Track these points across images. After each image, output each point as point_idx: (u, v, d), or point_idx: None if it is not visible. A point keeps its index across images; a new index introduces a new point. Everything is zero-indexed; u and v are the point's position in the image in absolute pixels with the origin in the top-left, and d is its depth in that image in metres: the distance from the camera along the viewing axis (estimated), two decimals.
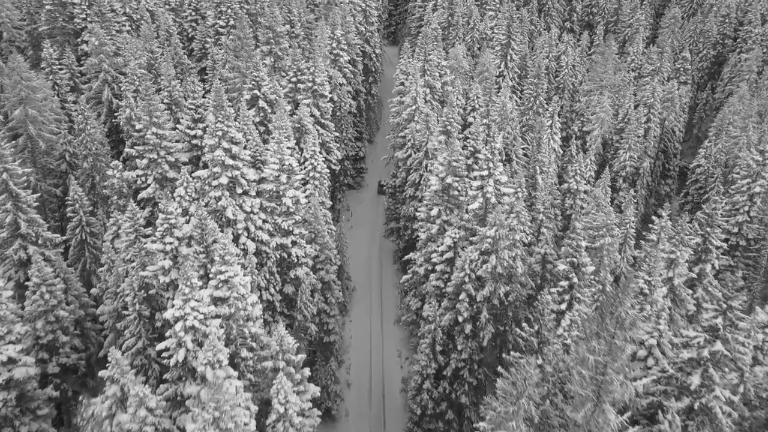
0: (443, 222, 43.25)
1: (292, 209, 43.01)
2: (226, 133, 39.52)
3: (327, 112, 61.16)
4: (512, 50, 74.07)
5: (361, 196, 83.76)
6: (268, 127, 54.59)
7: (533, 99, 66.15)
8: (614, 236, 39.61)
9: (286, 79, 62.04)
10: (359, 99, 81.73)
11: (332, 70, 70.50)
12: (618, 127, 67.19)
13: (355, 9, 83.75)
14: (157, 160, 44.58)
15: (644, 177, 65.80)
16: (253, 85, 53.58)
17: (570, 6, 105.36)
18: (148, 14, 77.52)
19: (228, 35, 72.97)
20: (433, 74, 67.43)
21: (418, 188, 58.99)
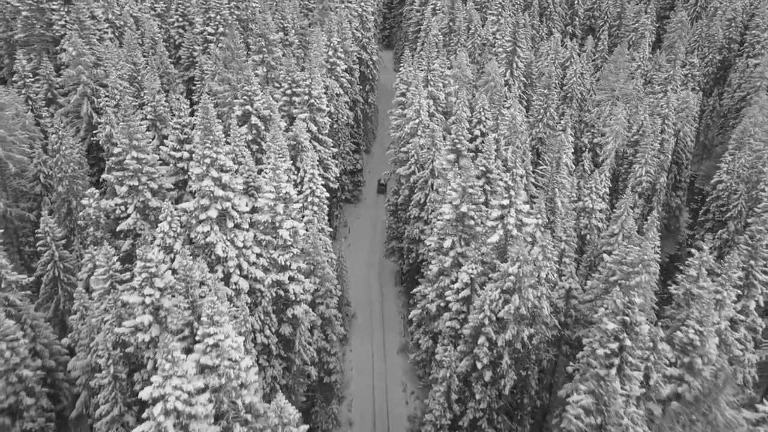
0: (457, 254, 38.49)
1: (289, 242, 38.08)
2: (215, 160, 34.53)
3: (324, 127, 56.24)
4: (518, 57, 69.42)
5: (358, 210, 78.90)
6: (261, 145, 49.66)
7: (543, 111, 61.52)
8: (652, 273, 35.02)
9: (280, 91, 57.05)
10: (356, 109, 76.82)
11: (329, 80, 65.56)
12: (632, 140, 62.70)
13: (351, 14, 78.78)
14: (138, 187, 39.47)
15: (660, 193, 61.36)
16: (245, 101, 48.55)
17: (572, 10, 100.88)
18: (132, 20, 72.24)
19: (217, 43, 67.85)
20: (437, 84, 62.64)
21: (423, 209, 54.17)
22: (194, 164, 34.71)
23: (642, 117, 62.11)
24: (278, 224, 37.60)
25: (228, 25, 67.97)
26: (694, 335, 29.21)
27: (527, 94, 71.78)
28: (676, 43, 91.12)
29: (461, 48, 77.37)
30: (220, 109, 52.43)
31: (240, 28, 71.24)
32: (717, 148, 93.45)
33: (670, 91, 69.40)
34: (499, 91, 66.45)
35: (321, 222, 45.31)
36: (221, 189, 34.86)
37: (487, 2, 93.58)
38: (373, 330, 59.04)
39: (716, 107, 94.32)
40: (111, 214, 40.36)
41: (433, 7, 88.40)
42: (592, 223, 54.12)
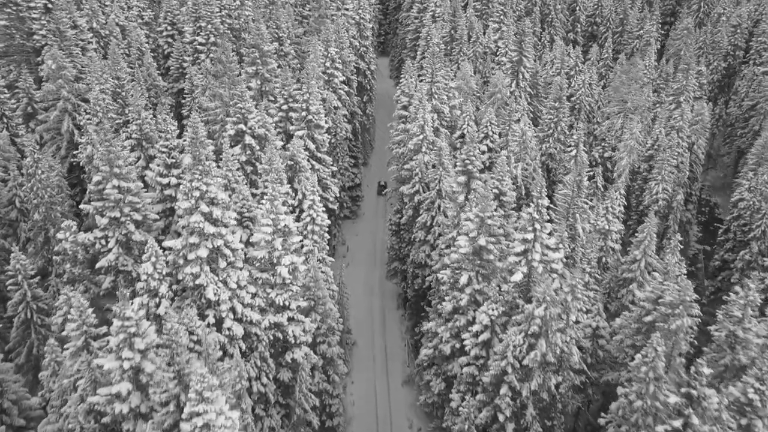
0: (474, 291, 34.47)
1: (288, 279, 33.92)
2: (205, 193, 30.34)
3: (323, 144, 52.10)
4: (524, 68, 65.58)
5: (357, 226, 74.71)
6: (256, 166, 45.47)
7: (554, 125, 57.65)
8: (695, 315, 31.08)
9: (276, 106, 52.88)
10: (354, 121, 72.69)
11: (326, 92, 61.44)
12: (646, 155, 58.95)
13: (348, 22, 74.66)
14: (121, 219, 35.17)
15: (677, 211, 57.64)
16: (238, 119, 44.33)
17: (573, 16, 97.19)
18: (118, 29, 67.80)
19: (208, 53, 63.58)
20: (441, 97, 58.64)
21: (429, 231, 50.10)
22: (182, 197, 30.50)
23: (657, 131, 58.36)
24: (276, 260, 33.44)
25: (219, 34, 63.72)
26: (754, 395, 25.34)
27: (533, 105, 67.97)
28: (682, 50, 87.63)
29: (463, 57, 73.47)
30: (211, 127, 48.18)
31: (232, 38, 67.02)
32: (724, 158, 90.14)
33: (683, 102, 65.76)
34: (506, 104, 62.57)
35: (322, 251, 41.18)
36: (212, 225, 30.67)
37: (487, 9, 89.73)
38: (376, 359, 54.88)
39: (722, 116, 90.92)
40: (90, 249, 36.05)
41: (433, 13, 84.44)
42: (608, 245, 50.20)
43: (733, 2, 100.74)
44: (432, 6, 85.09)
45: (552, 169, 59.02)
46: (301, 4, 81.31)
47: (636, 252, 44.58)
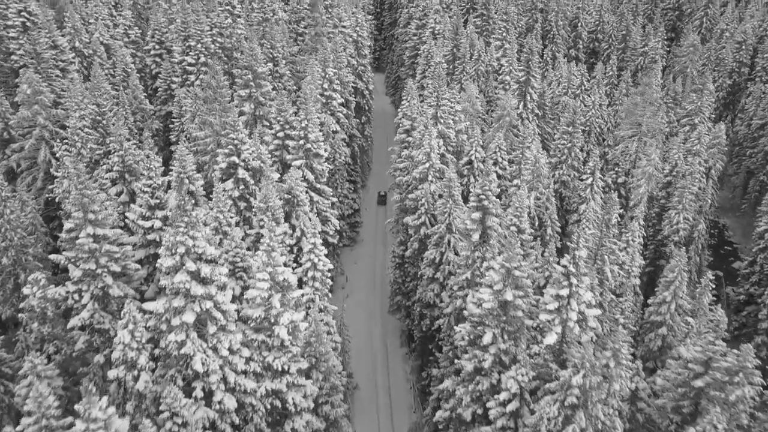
0: (499, 351, 29.99)
1: (287, 340, 29.30)
2: (192, 248, 25.72)
3: (323, 174, 47.63)
4: (532, 88, 61.54)
5: (356, 253, 70.12)
6: (250, 202, 40.87)
7: (567, 151, 53.51)
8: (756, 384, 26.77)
9: (271, 133, 48.39)
10: (353, 144, 68.36)
11: (324, 115, 57.05)
12: (664, 181, 54.91)
13: (346, 40, 70.43)
14: (96, 270, 30.45)
15: (699, 241, 53.59)
16: (230, 151, 39.75)
17: (575, 33, 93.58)
18: (103, 49, 63.16)
19: (198, 74, 59.03)
20: (447, 121, 54.37)
21: (438, 269, 45.59)
22: (164, 252, 25.84)
23: (675, 156, 54.38)
24: (274, 319, 28.81)
25: (210, 54, 59.23)
26: None
27: (541, 128, 63.91)
28: (688, 68, 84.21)
29: (466, 77, 69.37)
30: (200, 158, 43.62)
31: (224, 58, 62.57)
32: (732, 178, 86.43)
33: (699, 124, 61.94)
34: (514, 127, 58.47)
35: (323, 298, 36.56)
36: (200, 284, 26.04)
37: (488, 26, 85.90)
38: (380, 405, 50.23)
39: (729, 134, 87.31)
40: (62, 304, 31.28)
41: (432, 30, 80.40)
42: (631, 282, 45.97)
43: (736, 18, 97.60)
44: (431, 23, 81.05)
45: (565, 197, 54.84)
46: (295, 21, 77.11)
47: (665, 293, 40.32)
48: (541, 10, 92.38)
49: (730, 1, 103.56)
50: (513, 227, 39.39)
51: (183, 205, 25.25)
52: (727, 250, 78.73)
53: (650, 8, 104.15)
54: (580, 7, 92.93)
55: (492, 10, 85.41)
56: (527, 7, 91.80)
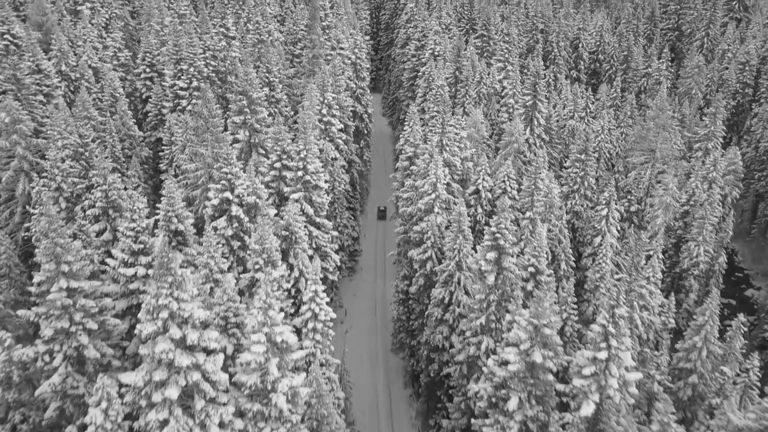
0: (526, 418, 26.26)
1: (286, 410, 25.41)
2: (176, 312, 21.92)
3: (322, 207, 43.97)
4: (539, 113, 58.31)
5: (355, 284, 66.26)
6: (244, 241, 37.11)
7: (580, 180, 50.13)
8: None
9: (268, 164, 44.78)
10: (352, 170, 64.80)
11: (323, 141, 53.60)
12: (682, 210, 51.58)
13: (344, 62, 67.19)
14: (70, 329, 26.56)
15: (719, 275, 50.18)
16: (223, 186, 36.04)
17: (576, 53, 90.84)
18: (91, 72, 59.54)
19: (190, 99, 55.48)
20: (452, 149, 50.94)
21: (448, 310, 41.89)
22: (144, 317, 22.01)
23: (693, 184, 51.11)
24: (271, 386, 24.94)
25: (203, 78, 55.74)
26: None
27: (548, 153, 60.58)
28: (693, 89, 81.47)
29: (469, 100, 66.16)
30: (190, 192, 39.87)
31: (217, 82, 59.12)
32: (740, 202, 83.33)
33: (712, 149, 58.87)
34: (522, 154, 55.15)
35: (325, 351, 32.70)
36: (186, 353, 22.20)
37: (488, 47, 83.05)
38: None
39: None
40: (30, 366, 27.31)
41: (432, 51, 77.33)
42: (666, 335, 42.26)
43: (737, 39, 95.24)
44: (431, 44, 78.01)
45: (578, 228, 51.38)
46: (291, 42, 73.96)
47: (695, 338, 36.75)
48: (541, 30, 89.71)
49: (729, 21, 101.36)
50: (531, 268, 35.78)
51: (167, 262, 21.51)
52: (738, 277, 75.39)
53: (650, 28, 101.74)
54: (581, 28, 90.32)
55: (492, 30, 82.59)
56: (527, 27, 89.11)
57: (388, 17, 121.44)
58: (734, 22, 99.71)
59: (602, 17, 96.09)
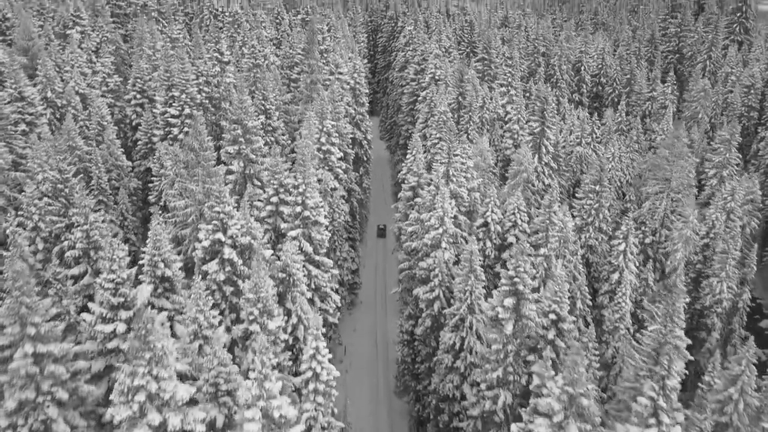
0: None
1: None
2: (156, 393, 18.39)
3: (322, 244, 40.58)
4: (547, 140, 55.36)
5: (355, 318, 62.68)
6: (238, 286, 33.62)
7: (594, 212, 46.98)
8: None
9: (264, 197, 41.46)
10: (352, 200, 61.54)
11: (321, 171, 50.41)
12: (702, 244, 48.46)
13: (343, 87, 64.29)
14: (37, 399, 22.92)
15: (742, 313, 46.95)
16: (215, 227, 32.63)
17: (578, 77, 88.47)
18: (78, 99, 56.31)
19: (182, 127, 52.29)
20: (459, 179, 47.78)
21: (458, 356, 38.38)
22: (117, 399, 18.46)
23: (713, 216, 48.08)
24: None
25: (195, 105, 52.61)
26: None
27: (561, 185, 57.54)
28: (699, 113, 78.97)
29: (472, 126, 63.23)
30: (180, 231, 36.43)
31: (211, 109, 56.01)
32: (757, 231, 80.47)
33: (727, 177, 56.00)
34: (531, 184, 52.08)
35: (327, 414, 29.06)
36: None
37: (489, 70, 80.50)
38: None
39: None
40: None
41: (433, 75, 74.60)
42: None
43: (740, 61, 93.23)
44: (431, 68, 75.31)
45: (592, 263, 48.14)
46: (288, 66, 71.09)
47: (731, 390, 33.24)
48: (543, 53, 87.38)
49: (731, 44, 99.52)
50: (552, 314, 32.39)
51: (144, 334, 18.03)
52: (751, 307, 72.29)
53: (650, 51, 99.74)
54: (583, 51, 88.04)
55: (493, 54, 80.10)
56: (529, 51, 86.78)
57: (386, 40, 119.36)
58: (735, 45, 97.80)
59: (602, 40, 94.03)
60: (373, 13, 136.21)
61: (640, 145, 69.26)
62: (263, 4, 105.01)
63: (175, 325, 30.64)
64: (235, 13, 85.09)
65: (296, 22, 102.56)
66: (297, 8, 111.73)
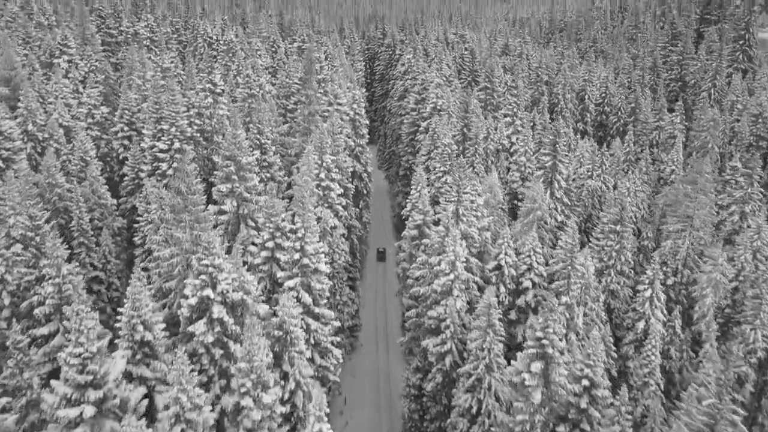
0: None
1: None
2: None
3: (323, 294, 36.51)
4: (559, 174, 51.84)
5: (354, 363, 58.17)
6: (228, 349, 29.45)
7: (616, 254, 43.24)
8: None
9: (259, 242, 37.50)
10: (352, 237, 57.63)
11: (321, 209, 46.61)
12: (731, 287, 44.70)
13: (342, 118, 60.85)
14: None
15: None
16: (203, 282, 28.58)
17: (582, 105, 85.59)
18: (61, 132, 52.57)
19: (171, 162, 48.51)
20: (470, 219, 44.02)
21: (475, 421, 34.18)
22: None
23: (742, 257, 44.41)
24: None
25: (186, 138, 48.90)
26: None
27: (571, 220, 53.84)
28: (709, 143, 75.89)
29: (478, 159, 59.73)
30: (164, 283, 32.34)
31: (203, 143, 52.33)
32: None
33: (749, 213, 52.53)
34: (545, 222, 48.38)
35: None
36: None
37: (492, 100, 77.50)
38: None
39: None
40: None
41: (435, 105, 71.40)
42: None
43: (745, 89, 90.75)
44: (432, 97, 72.15)
45: (614, 309, 44.26)
46: (284, 95, 67.78)
47: None
48: (546, 82, 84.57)
49: (734, 72, 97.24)
50: (585, 380, 28.37)
51: None
52: None
53: (653, 79, 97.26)
54: (587, 79, 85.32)
55: (496, 83, 77.15)
56: (532, 79, 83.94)
57: (383, 68, 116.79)
58: (739, 73, 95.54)
59: (605, 68, 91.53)
60: (369, 40, 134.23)
61: (650, 177, 66.00)
62: (258, 32, 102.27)
63: (156, 398, 26.47)
64: (230, 41, 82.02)
65: (292, 50, 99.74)
66: (293, 36, 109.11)
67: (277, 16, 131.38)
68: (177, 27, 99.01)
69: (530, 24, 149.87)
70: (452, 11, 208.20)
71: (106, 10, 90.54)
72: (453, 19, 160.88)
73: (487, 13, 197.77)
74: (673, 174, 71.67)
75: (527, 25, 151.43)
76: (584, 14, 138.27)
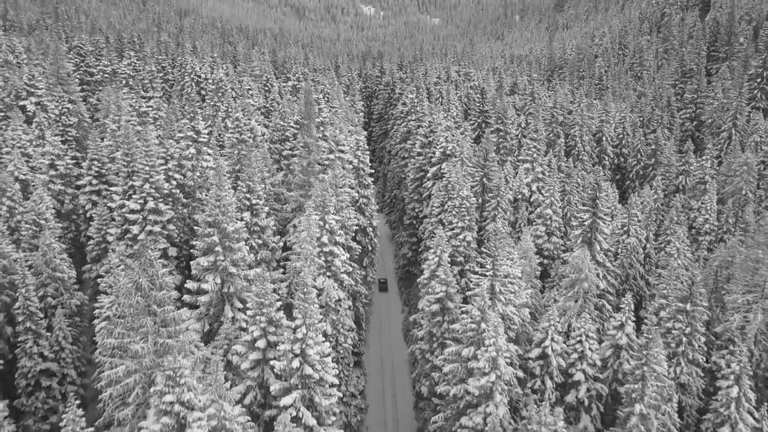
0: None
1: None
2: None
3: (330, 412, 27.49)
4: (601, 234, 43.50)
5: None
6: None
7: (684, 339, 34.62)
8: None
9: (248, 341, 28.55)
10: (357, 305, 48.75)
11: (323, 278, 37.90)
12: None
13: (345, 167, 52.58)
14: None
15: None
16: (165, 427, 19.58)
17: (600, 147, 78.21)
18: (17, 187, 43.79)
19: (143, 225, 39.74)
20: (507, 296, 35.35)
21: None
22: None
23: None
24: None
25: (162, 196, 40.24)
26: None
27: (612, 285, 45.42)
28: (743, 189, 68.36)
29: (501, 213, 51.47)
30: (116, 413, 23.24)
31: (182, 199, 43.66)
32: None
33: None
34: (593, 295, 39.79)
35: None
36: None
37: (505, 143, 69.90)
38: None
39: None
40: None
41: (444, 150, 63.38)
42: None
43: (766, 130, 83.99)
44: (442, 141, 64.21)
45: (686, 407, 35.45)
46: (279, 140, 59.52)
47: None
48: (561, 123, 77.22)
49: (753, 111, 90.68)
50: None
51: None
52: None
53: (669, 118, 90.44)
54: (604, 120, 78.13)
55: (509, 124, 69.65)
56: (547, 120, 76.54)
57: (382, 107, 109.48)
58: (760, 112, 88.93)
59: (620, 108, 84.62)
60: (367, 78, 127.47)
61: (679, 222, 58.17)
62: (251, 71, 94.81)
63: None
64: (220, 80, 74.26)
65: (287, 88, 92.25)
66: (287, 74, 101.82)
67: (270, 53, 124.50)
68: (163, 65, 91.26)
69: (529, 61, 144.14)
70: (446, 49, 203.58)
71: (86, 47, 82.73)
72: (449, 58, 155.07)
73: (482, 51, 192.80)
74: (707, 224, 63.90)
75: (525, 62, 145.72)
76: (585, 51, 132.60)
